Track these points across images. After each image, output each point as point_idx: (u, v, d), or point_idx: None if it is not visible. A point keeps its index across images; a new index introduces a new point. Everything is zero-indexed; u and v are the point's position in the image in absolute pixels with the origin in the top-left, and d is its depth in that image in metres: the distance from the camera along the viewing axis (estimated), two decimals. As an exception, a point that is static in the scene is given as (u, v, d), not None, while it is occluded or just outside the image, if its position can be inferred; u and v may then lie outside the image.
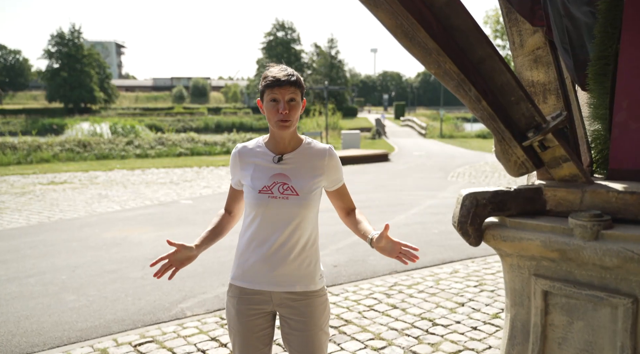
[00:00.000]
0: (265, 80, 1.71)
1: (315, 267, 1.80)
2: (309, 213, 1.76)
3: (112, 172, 13.49)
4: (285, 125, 1.70)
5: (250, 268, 1.76)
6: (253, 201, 1.74)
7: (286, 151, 1.78)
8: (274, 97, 1.68)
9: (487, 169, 14.37)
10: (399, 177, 12.57)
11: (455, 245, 5.72)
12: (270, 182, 1.74)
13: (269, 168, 1.76)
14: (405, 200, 8.89)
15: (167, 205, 8.45)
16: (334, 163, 1.82)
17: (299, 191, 1.73)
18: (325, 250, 5.54)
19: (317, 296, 1.79)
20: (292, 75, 1.70)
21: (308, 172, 1.77)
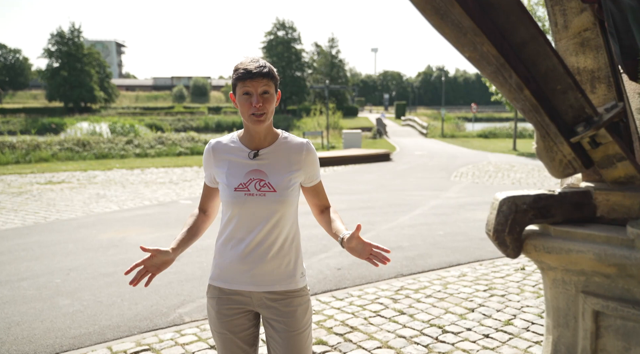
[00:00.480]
0: (236, 73, 1.63)
1: (295, 265, 1.74)
2: (287, 210, 1.70)
3: (111, 172, 13.32)
4: (259, 119, 1.63)
5: (228, 267, 1.71)
6: (229, 199, 1.68)
7: (262, 146, 1.72)
8: (247, 90, 1.62)
9: (490, 169, 14.20)
10: (401, 177, 12.41)
11: (461, 247, 5.55)
12: (246, 179, 1.68)
13: (244, 164, 1.70)
14: (409, 201, 8.72)
15: (166, 205, 8.28)
16: (312, 158, 1.76)
17: (276, 187, 1.67)
18: (328, 252, 5.38)
19: (298, 296, 1.72)
20: (263, 67, 1.62)
21: (285, 167, 1.71)
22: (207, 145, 1.78)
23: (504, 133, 32.22)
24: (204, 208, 1.86)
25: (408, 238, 5.97)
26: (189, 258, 5.14)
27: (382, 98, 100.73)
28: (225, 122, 52.98)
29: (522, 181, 11.47)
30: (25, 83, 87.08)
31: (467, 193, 9.61)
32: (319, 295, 4.14)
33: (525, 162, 16.17)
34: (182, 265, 4.89)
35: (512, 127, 33.52)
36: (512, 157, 18.18)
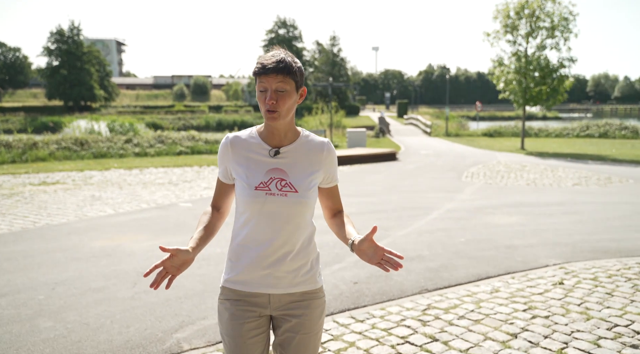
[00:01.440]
0: (255, 68, 1.56)
1: (315, 265, 1.71)
2: (307, 211, 1.65)
3: (108, 172, 12.84)
4: (272, 116, 1.56)
5: (246, 269, 1.64)
6: (248, 198, 1.61)
7: (282, 144, 1.65)
8: (262, 86, 1.56)
9: (501, 169, 13.70)
10: (410, 177, 11.91)
11: (488, 257, 5.06)
12: (266, 178, 1.61)
13: (264, 162, 1.63)
14: (422, 203, 8.23)
15: (164, 208, 7.79)
16: (332, 158, 1.71)
17: (297, 187, 1.61)
18: (342, 262, 4.89)
19: (316, 297, 1.69)
20: (280, 62, 1.54)
21: (306, 167, 1.65)
22: (225, 139, 1.68)
23: (509, 132, 31.69)
24: (218, 205, 1.77)
25: (427, 246, 5.47)
26: (189, 269, 4.65)
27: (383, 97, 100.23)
28: (226, 120, 52.50)
29: (537, 183, 10.97)
30: (25, 82, 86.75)
31: (482, 195, 9.11)
32: (336, 315, 3.65)
33: (536, 162, 15.68)
34: (181, 278, 4.40)
35: (517, 125, 33.09)
36: (521, 157, 17.68)
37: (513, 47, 20.58)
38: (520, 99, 20.44)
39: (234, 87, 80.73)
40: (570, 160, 16.37)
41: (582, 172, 12.96)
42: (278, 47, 1.62)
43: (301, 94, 1.62)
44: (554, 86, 19.95)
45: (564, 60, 19.80)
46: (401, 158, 16.92)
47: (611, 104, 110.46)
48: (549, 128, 31.90)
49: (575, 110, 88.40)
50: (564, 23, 19.56)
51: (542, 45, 20.05)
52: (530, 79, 20.02)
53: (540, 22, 19.88)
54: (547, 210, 7.56)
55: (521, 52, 20.36)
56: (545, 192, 9.58)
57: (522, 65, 20.11)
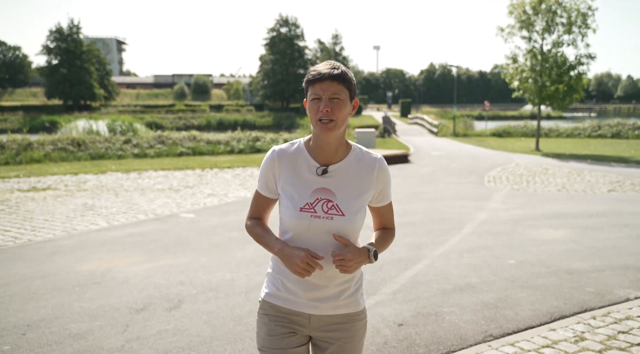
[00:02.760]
0: (308, 76, 1.52)
1: (358, 287, 1.63)
2: (354, 234, 1.56)
3: (104, 176, 12.00)
4: (327, 125, 1.49)
5: (288, 287, 1.57)
6: (293, 219, 1.53)
7: (332, 160, 1.56)
8: (315, 94, 1.50)
9: (523, 172, 12.85)
10: (428, 182, 11.06)
11: (551, 286, 4.22)
12: (312, 198, 1.52)
13: (311, 180, 1.54)
14: (451, 214, 7.39)
15: (164, 220, 6.95)
16: (384, 177, 1.62)
17: (344, 211, 1.52)
18: (376, 293, 4.06)
19: (358, 319, 1.62)
20: (335, 69, 1.50)
21: (355, 188, 1.56)
22: (271, 152, 1.58)
23: (518, 132, 30.83)
24: (258, 217, 1.66)
25: (474, 271, 4.63)
26: (193, 303, 3.82)
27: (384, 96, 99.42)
28: (227, 120, 51.70)
29: (567, 188, 10.12)
30: (25, 81, 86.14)
31: (514, 204, 8.27)
32: (386, 377, 2.82)
33: (558, 164, 14.83)
34: (184, 318, 3.57)
35: (527, 125, 32.21)
36: (539, 158, 16.83)
37: (528, 44, 19.72)
38: (536, 98, 19.58)
39: (235, 86, 79.91)
40: (592, 162, 15.53)
41: (611, 176, 12.12)
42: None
43: (354, 106, 1.56)
44: (570, 84, 19.10)
45: (582, 57, 18.94)
46: (413, 160, 16.08)
47: (614, 103, 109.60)
48: (560, 128, 31.06)
49: (578, 110, 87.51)
50: (582, 18, 18.70)
51: (559, 41, 19.20)
52: (546, 77, 19.17)
53: (557, 18, 19.02)
54: (594, 223, 6.73)
55: (537, 49, 19.51)
56: (582, 200, 8.74)
57: (538, 62, 19.26)
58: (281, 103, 63.43)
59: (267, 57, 63.75)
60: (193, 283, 4.28)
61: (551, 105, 19.92)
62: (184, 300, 3.91)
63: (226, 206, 8.02)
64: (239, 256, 5.10)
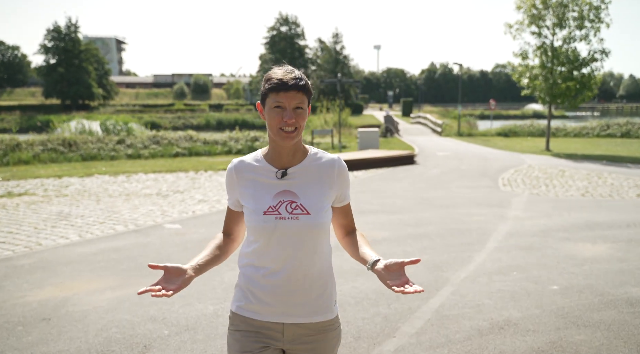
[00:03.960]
0: (269, 83, 1.46)
1: (331, 292, 1.59)
2: (323, 234, 1.53)
3: (89, 179, 11.18)
4: (290, 135, 1.47)
5: (260, 297, 1.52)
6: (258, 224, 1.49)
7: (290, 164, 1.54)
8: (279, 104, 1.45)
9: (538, 174, 12.01)
10: (438, 186, 10.23)
11: (613, 323, 3.38)
12: (275, 201, 1.50)
13: (271, 185, 1.53)
14: (469, 224, 6.55)
15: (145, 232, 6.11)
16: (344, 176, 1.60)
17: (309, 209, 1.49)
18: (396, 334, 3.23)
19: (332, 329, 1.58)
20: (300, 79, 1.46)
21: (317, 187, 1.54)
22: (229, 165, 1.58)
23: (525, 131, 29.99)
24: (229, 231, 1.66)
25: (512, 301, 3.80)
26: (162, 350, 2.98)
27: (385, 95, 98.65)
28: (226, 119, 50.89)
29: (591, 192, 9.29)
30: (24, 80, 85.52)
31: (538, 212, 7.43)
32: None
33: (573, 166, 13.99)
34: None
35: (533, 124, 31.37)
36: (551, 159, 15.99)
37: (538, 40, 18.87)
38: (547, 96, 18.73)
39: (235, 86, 79.12)
40: (608, 164, 14.69)
41: (635, 178, 11.27)
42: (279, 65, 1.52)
43: (308, 112, 1.53)
44: (582, 81, 18.25)
45: (595, 53, 18.08)
46: (419, 161, 15.24)
47: (617, 103, 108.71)
48: (567, 128, 30.23)
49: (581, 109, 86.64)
50: (595, 12, 17.85)
51: (570, 36, 18.35)
52: (558, 75, 18.32)
53: (568, 12, 18.18)
54: (635, 235, 5.89)
55: (547, 45, 18.66)
56: (612, 206, 7.90)
57: (548, 58, 18.42)
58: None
59: (267, 56, 62.99)
60: (166, 320, 3.45)
61: (562, 104, 19.08)
62: (151, 345, 3.08)
63: (217, 214, 7.19)
64: (228, 279, 4.28)
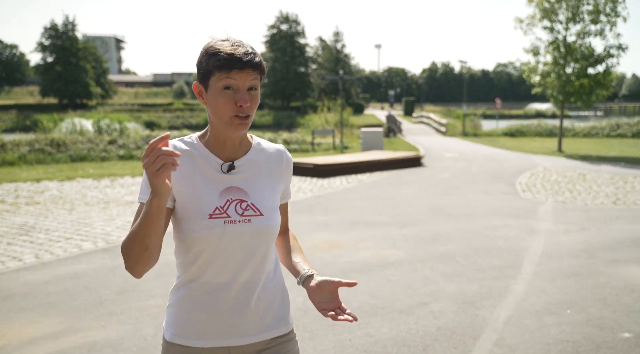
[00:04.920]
0: (215, 58, 1.19)
1: (283, 302, 1.36)
2: (275, 236, 1.30)
3: (70, 183, 10.26)
4: (244, 122, 1.22)
5: (200, 319, 1.26)
6: (201, 230, 1.21)
7: (236, 156, 1.30)
8: (229, 83, 1.19)
9: (557, 178, 11.09)
10: (451, 191, 9.30)
11: None
12: (222, 201, 1.24)
13: (216, 180, 1.26)
14: (495, 240, 5.63)
15: (114, 251, 5.19)
16: (290, 169, 1.40)
17: (262, 209, 1.27)
18: None
19: (288, 340, 1.35)
20: (254, 54, 1.21)
21: (267, 182, 1.32)
22: None
23: (532, 131, 29.08)
24: None
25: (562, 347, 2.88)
26: None
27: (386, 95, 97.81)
28: (226, 119, 49.97)
29: (623, 200, 8.35)
30: (23, 79, 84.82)
31: (571, 223, 6.51)
32: None
33: (592, 168, 13.05)
34: None
35: (540, 124, 30.46)
36: (566, 161, 15.06)
37: (550, 35, 17.94)
38: (559, 95, 17.80)
39: (235, 85, 78.19)
40: (627, 166, 13.77)
41: (664, 183, 10.36)
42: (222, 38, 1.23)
43: None
44: (597, 79, 17.33)
45: (611, 48, 17.15)
46: (427, 164, 14.31)
47: (619, 102, 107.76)
48: (576, 128, 29.33)
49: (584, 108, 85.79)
50: (611, 5, 16.92)
51: (585, 31, 17.42)
52: (572, 72, 17.39)
53: (582, 6, 17.25)
54: (696, 255, 4.97)
55: (560, 40, 17.72)
56: (652, 217, 6.98)
57: (561, 55, 17.49)
58: (281, 101, 61.78)
59: (267, 54, 62.07)
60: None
61: (575, 103, 18.15)
62: None
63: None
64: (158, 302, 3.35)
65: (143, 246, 1.12)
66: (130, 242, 1.14)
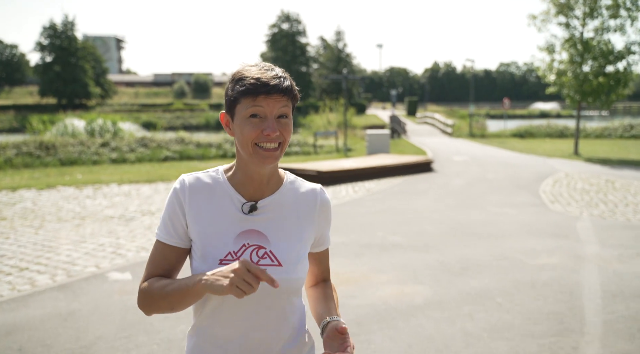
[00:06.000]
0: (240, 83, 1.09)
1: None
2: (297, 292, 1.15)
3: (49, 192, 9.31)
4: (272, 154, 1.09)
5: None
6: None
7: (262, 195, 1.15)
8: (256, 111, 1.08)
9: (584, 186, 10.11)
10: (469, 203, 8.32)
11: None
12: (237, 246, 1.11)
13: (234, 221, 1.12)
14: (539, 272, 4.65)
15: (74, 289, 4.21)
16: (326, 212, 1.22)
17: (282, 259, 1.11)
18: None
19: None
20: (284, 78, 1.10)
21: (294, 227, 1.16)
22: (179, 181, 1.15)
23: (542, 132, 28.08)
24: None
25: None
26: None
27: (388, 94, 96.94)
28: (227, 119, 49.04)
29: (667, 214, 7.38)
30: (23, 79, 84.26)
31: (623, 246, 5.52)
32: None
33: (618, 174, 12.07)
34: None
35: (550, 125, 29.45)
36: (585, 165, 14.07)
37: (566, 32, 16.95)
38: (576, 94, 16.81)
39: (236, 85, 77.38)
40: (654, 171, 12.81)
41: None
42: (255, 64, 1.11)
43: None
44: (617, 77, 16.34)
45: (632, 45, 16.15)
46: (437, 168, 13.34)
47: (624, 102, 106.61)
48: (588, 129, 28.31)
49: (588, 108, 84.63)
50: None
51: (603, 27, 16.43)
52: (590, 71, 16.40)
53: (600, 0, 16.26)
54: None
55: (577, 37, 16.73)
56: None
57: (578, 52, 16.50)
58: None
59: (268, 54, 61.22)
60: None
61: (593, 103, 17.17)
62: None
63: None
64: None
65: (169, 308, 1.09)
66: (157, 299, 1.09)
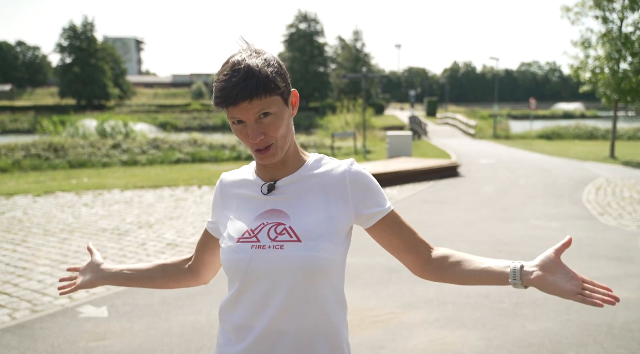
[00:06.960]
0: (214, 93, 1.03)
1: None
2: (319, 274, 1.00)
3: (44, 199, 8.66)
4: (267, 154, 1.04)
5: None
6: (229, 257, 1.04)
7: (281, 175, 1.10)
8: (236, 119, 1.02)
9: (632, 194, 9.06)
10: (506, 214, 7.37)
11: None
12: (255, 224, 1.05)
13: (255, 203, 1.09)
14: (609, 312, 3.74)
15: (30, 330, 3.43)
16: (362, 185, 1.08)
17: (301, 236, 1.01)
18: None
19: None
20: (249, 78, 0.97)
21: (319, 204, 1.05)
22: (220, 178, 1.20)
23: (570, 133, 26.77)
24: (195, 263, 1.22)
25: None
26: None
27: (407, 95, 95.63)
28: (242, 120, 48.54)
29: None
30: (44, 80, 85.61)
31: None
32: None
33: (665, 181, 10.95)
34: None
35: (579, 125, 28.09)
36: (626, 170, 12.93)
37: (603, 26, 15.78)
38: (614, 93, 15.63)
39: (253, 85, 77.10)
40: None
41: None
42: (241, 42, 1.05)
43: (293, 102, 1.08)
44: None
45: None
46: (464, 173, 12.37)
47: None
48: (619, 130, 26.89)
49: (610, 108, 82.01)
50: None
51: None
52: (630, 68, 15.21)
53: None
54: None
55: (615, 31, 15.56)
56: None
57: (616, 48, 15.32)
58: (300, 102, 60.55)
59: (286, 54, 60.61)
60: None
61: (632, 102, 15.97)
62: None
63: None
64: None
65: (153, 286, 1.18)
66: None
